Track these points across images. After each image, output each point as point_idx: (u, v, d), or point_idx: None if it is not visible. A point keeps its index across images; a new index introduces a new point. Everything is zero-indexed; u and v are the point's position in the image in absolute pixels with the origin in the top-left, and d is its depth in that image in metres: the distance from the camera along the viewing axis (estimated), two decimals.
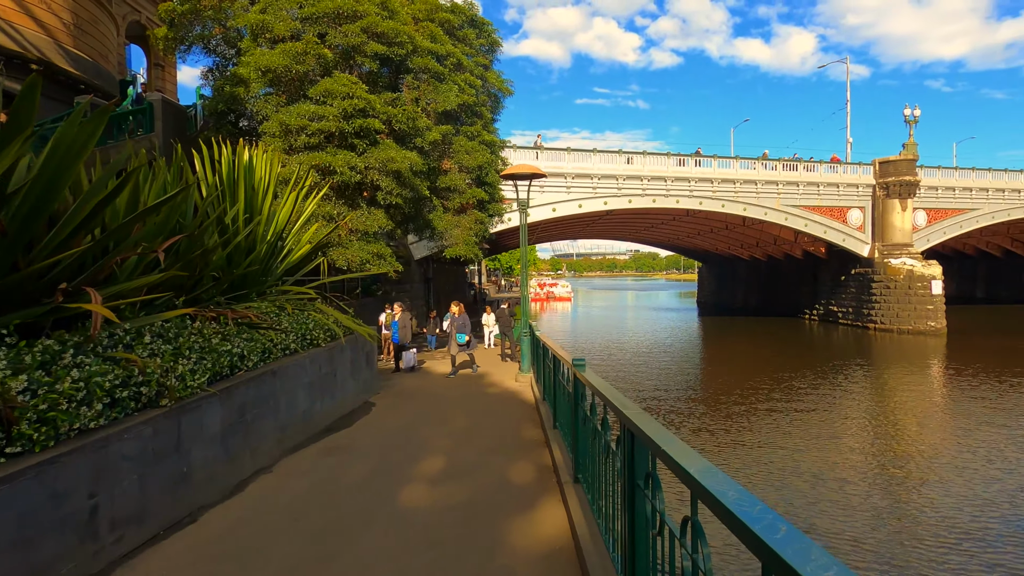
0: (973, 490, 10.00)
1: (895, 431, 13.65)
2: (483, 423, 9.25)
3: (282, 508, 5.36)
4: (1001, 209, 39.75)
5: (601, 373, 20.37)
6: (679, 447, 2.37)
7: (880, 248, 35.69)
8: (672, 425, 13.88)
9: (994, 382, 19.35)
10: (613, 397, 3.67)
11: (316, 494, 5.80)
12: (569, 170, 31.28)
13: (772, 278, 49.06)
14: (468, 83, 16.16)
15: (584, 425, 5.08)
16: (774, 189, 35.23)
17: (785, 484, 10.11)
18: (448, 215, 17.22)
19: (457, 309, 14.35)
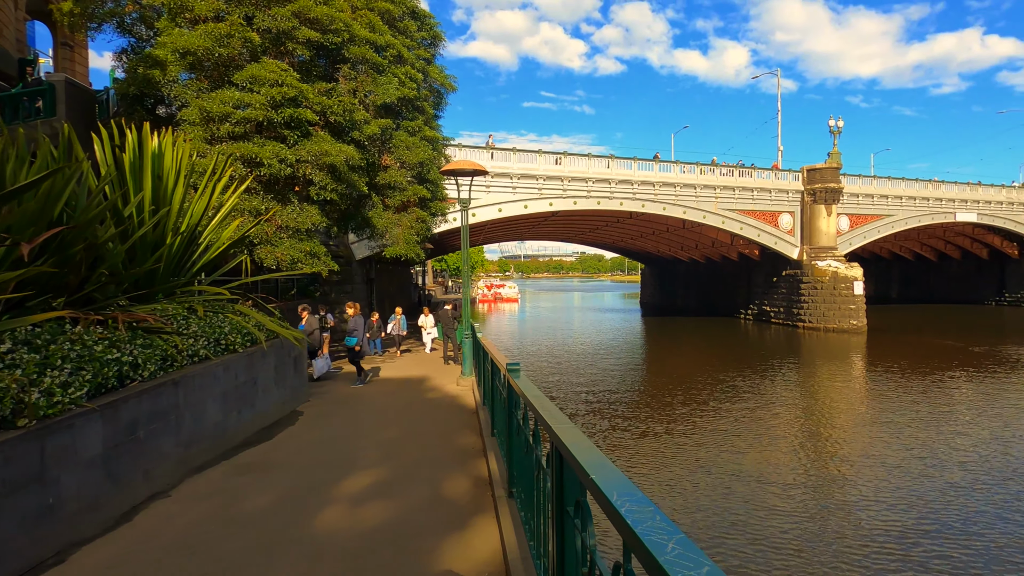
0: (910, 487, 10.30)
1: (831, 430, 13.99)
2: (418, 432, 8.75)
3: (175, 540, 4.69)
4: (913, 216, 42.66)
5: (546, 375, 20.32)
6: (610, 476, 2.01)
7: (808, 251, 37.47)
8: (617, 429, 13.78)
9: (915, 377, 20.47)
10: (543, 409, 3.31)
11: (219, 521, 5.15)
12: (515, 170, 31.06)
13: (710, 279, 50.71)
14: (409, 76, 15.55)
15: (518, 436, 4.71)
16: (712, 193, 36.32)
17: (730, 489, 10.08)
18: (388, 213, 16.54)
19: (352, 310, 13.68)
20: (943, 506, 9.41)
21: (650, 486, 10.32)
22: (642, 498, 1.77)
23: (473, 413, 9.87)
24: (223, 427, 7.51)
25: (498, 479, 5.85)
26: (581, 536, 2.49)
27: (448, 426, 9.11)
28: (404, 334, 18.48)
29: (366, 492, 6.01)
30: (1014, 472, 10.80)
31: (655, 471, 11.22)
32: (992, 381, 19.69)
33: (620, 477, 1.99)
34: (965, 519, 8.94)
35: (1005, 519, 8.94)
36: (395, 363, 16.35)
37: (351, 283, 23.45)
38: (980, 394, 17.66)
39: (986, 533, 8.52)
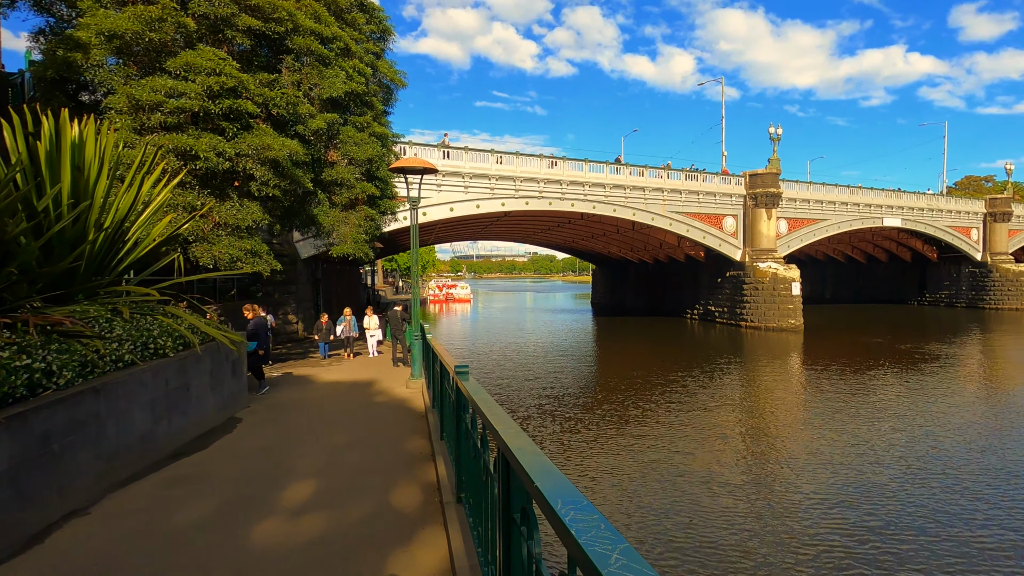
0: (853, 484, 10.60)
1: (777, 429, 14.39)
2: (364, 437, 8.48)
3: (91, 561, 4.31)
4: (845, 220, 45.17)
5: (498, 376, 20.20)
6: (556, 483, 1.93)
7: (750, 253, 39.02)
8: (568, 432, 13.81)
9: (851, 374, 21.62)
10: (490, 412, 3.21)
11: (144, 539, 4.78)
12: (467, 170, 30.85)
13: (659, 280, 52.04)
14: (357, 70, 15.13)
15: (466, 440, 4.60)
16: (660, 196, 37.25)
17: (680, 491, 10.15)
18: (335, 211, 16.02)
19: (250, 313, 13.01)
20: (885, 502, 9.67)
21: (602, 490, 10.31)
22: (588, 506, 1.70)
23: (422, 417, 9.66)
24: (152, 437, 7.03)
25: (447, 485, 5.71)
26: (527, 544, 2.40)
27: (396, 430, 8.87)
28: (355, 336, 17.82)
29: (308, 503, 5.73)
30: (946, 466, 11.32)
31: (607, 474, 11.18)
32: (919, 377, 20.99)
33: (566, 484, 1.91)
34: (908, 514, 9.22)
35: (944, 512, 9.29)
36: (342, 367, 15.86)
37: (296, 283, 22.66)
38: (909, 390, 18.72)
39: (928, 527, 8.78)
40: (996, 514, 9.18)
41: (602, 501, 9.58)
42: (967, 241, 51.74)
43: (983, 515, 9.15)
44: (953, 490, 10.20)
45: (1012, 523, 8.89)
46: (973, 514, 9.20)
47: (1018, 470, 11.04)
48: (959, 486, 10.35)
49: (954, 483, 10.51)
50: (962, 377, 21.17)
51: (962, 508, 9.45)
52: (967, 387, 19.52)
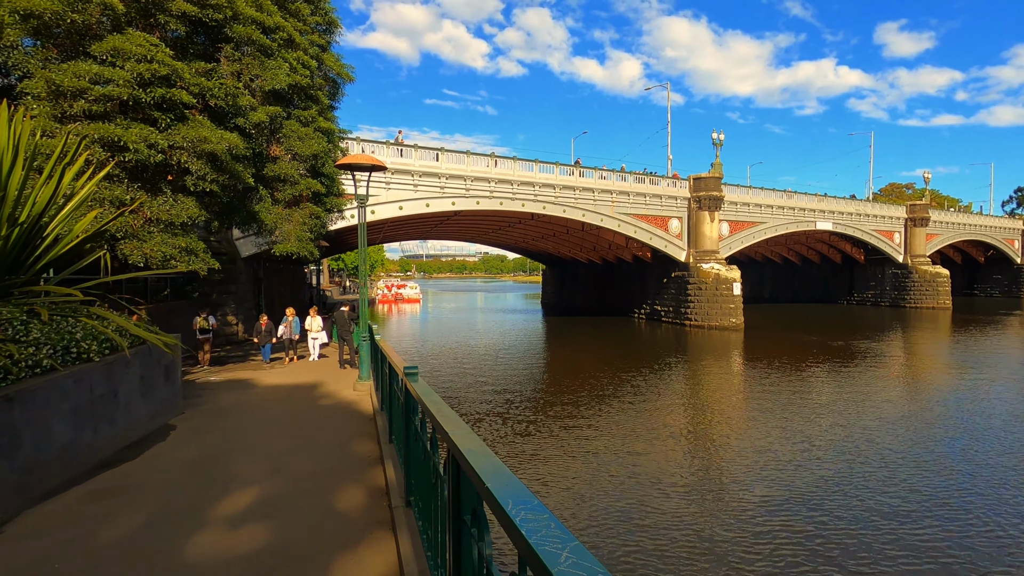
0: (798, 481, 10.81)
1: (724, 427, 14.66)
2: (310, 442, 8.20)
3: None
4: (782, 223, 47.48)
5: (449, 377, 19.94)
6: (507, 484, 1.90)
7: (694, 254, 40.37)
8: (520, 434, 13.78)
9: (790, 370, 22.68)
10: (440, 414, 3.15)
11: (63, 559, 4.43)
12: (417, 168, 30.45)
13: (607, 280, 53.06)
14: (302, 63, 14.64)
15: (415, 442, 4.51)
16: (609, 197, 37.98)
17: (631, 493, 10.12)
18: (278, 208, 15.46)
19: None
20: (830, 497, 9.84)
21: (555, 493, 10.14)
22: (538, 506, 1.68)
23: (370, 419, 9.44)
24: (75, 447, 6.54)
25: (396, 488, 5.59)
26: (478, 546, 2.36)
27: (343, 434, 8.63)
28: (296, 338, 17.03)
29: (249, 512, 5.48)
30: (883, 460, 11.74)
31: (559, 477, 11.03)
32: (852, 373, 22.21)
33: (517, 485, 1.89)
34: (852, 507, 9.46)
35: (886, 504, 9.61)
36: (285, 370, 15.30)
37: (235, 283, 21.72)
38: (845, 386, 19.66)
39: (872, 519, 9.01)
40: (930, 506, 9.54)
41: (556, 505, 9.56)
42: (890, 244, 55.41)
43: (920, 507, 9.47)
44: (892, 482, 10.54)
45: (947, 513, 9.26)
46: (912, 506, 9.52)
47: (947, 462, 11.63)
48: (897, 478, 10.78)
49: (892, 475, 10.91)
50: (891, 373, 22.56)
51: (901, 500, 9.76)
52: (896, 382, 20.80)
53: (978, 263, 72.82)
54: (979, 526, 8.81)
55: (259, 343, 16.16)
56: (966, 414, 15.44)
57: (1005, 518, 9.08)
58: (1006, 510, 9.37)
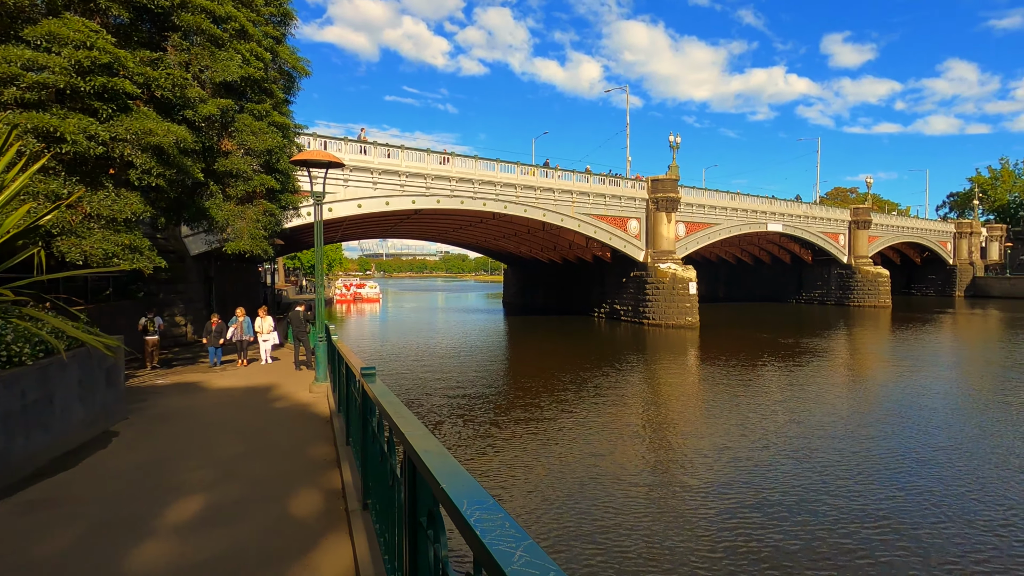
0: (757, 480, 10.82)
1: (685, 426, 14.71)
2: (263, 446, 7.95)
3: None
4: (736, 224, 49.03)
5: (409, 378, 19.58)
6: (462, 484, 1.88)
7: (652, 254, 41.22)
8: (482, 436, 13.69)
9: (745, 368, 23.39)
10: (397, 415, 3.09)
11: None
12: (376, 165, 29.96)
13: (568, 280, 53.58)
14: (255, 55, 14.17)
15: (373, 444, 4.43)
16: (570, 198, 38.35)
17: (593, 494, 10.01)
18: (230, 204, 14.92)
19: None
20: (789, 494, 9.87)
21: (520, 496, 9.91)
22: (493, 506, 1.66)
23: (327, 422, 9.24)
24: (5, 457, 6.13)
25: (353, 491, 5.48)
26: (434, 548, 2.33)
27: (299, 437, 8.42)
28: (249, 339, 16.20)
29: (198, 520, 5.26)
30: (841, 455, 11.93)
31: (522, 478, 10.76)
32: (803, 369, 23.01)
33: (473, 485, 1.87)
34: (811, 501, 9.58)
35: (842, 499, 9.71)
36: (237, 373, 14.79)
37: (184, 282, 20.89)
38: (798, 382, 20.31)
39: (830, 513, 9.08)
40: (888, 500, 9.70)
41: (519, 508, 9.42)
42: (835, 246, 58.00)
43: (879, 501, 9.63)
44: (849, 477, 10.72)
45: (904, 507, 9.46)
46: (870, 500, 9.65)
47: (900, 455, 12.02)
48: (854, 471, 11.01)
49: (848, 471, 11.05)
50: (839, 369, 23.50)
51: (858, 492, 9.94)
52: (845, 378, 21.66)
53: (915, 264, 77.05)
54: (925, 513, 9.30)
55: (208, 344, 15.35)
56: (908, 408, 16.24)
57: (951, 508, 9.61)
58: (957, 501, 9.91)
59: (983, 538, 8.36)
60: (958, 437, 13.41)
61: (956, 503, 9.63)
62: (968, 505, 9.53)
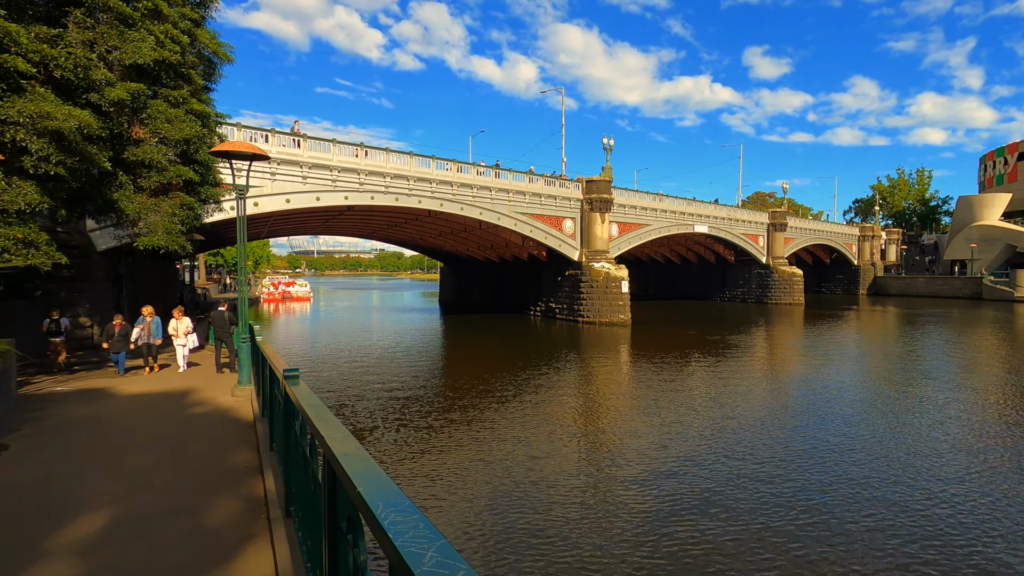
0: (691, 478, 10.99)
1: (622, 424, 14.68)
2: (179, 455, 7.47)
3: None
4: (665, 225, 51.01)
5: (341, 381, 18.76)
6: (378, 487, 1.84)
7: (586, 253, 42.15)
8: (417, 440, 13.33)
9: (677, 364, 24.25)
10: (318, 418, 2.99)
11: None
12: (306, 159, 28.82)
13: (505, 278, 53.84)
14: (171, 37, 13.25)
15: (295, 449, 4.27)
16: (506, 197, 38.52)
17: (532, 496, 9.82)
18: (143, 196, 13.88)
19: None
20: (729, 492, 9.93)
21: (455, 504, 9.52)
22: (408, 507, 1.64)
23: (250, 427, 8.82)
24: None
25: (275, 498, 5.26)
26: (353, 553, 2.28)
27: (218, 444, 7.98)
28: (157, 342, 14.51)
29: (101, 538, 4.87)
30: (773, 454, 12.08)
31: (458, 488, 10.23)
32: (732, 365, 24.10)
33: (390, 488, 1.83)
34: (752, 499, 9.62)
35: (782, 496, 9.80)
36: (150, 378, 13.79)
37: (89, 280, 19.28)
38: (728, 378, 21.01)
39: (776, 511, 9.17)
40: (824, 495, 9.92)
41: (454, 516, 9.16)
42: (755, 247, 61.57)
43: (815, 498, 9.80)
44: (780, 472, 11.01)
45: (839, 503, 9.61)
46: (810, 498, 9.78)
47: (831, 449, 12.52)
48: (788, 467, 11.26)
49: (780, 467, 11.27)
50: (765, 364, 24.80)
51: (797, 489, 10.10)
52: (772, 373, 22.83)
53: (825, 264, 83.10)
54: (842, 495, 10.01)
55: (110, 350, 13.82)
56: (825, 400, 17.37)
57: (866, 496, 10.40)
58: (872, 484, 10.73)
59: (897, 509, 9.11)
60: (870, 425, 14.49)
61: (878, 485, 10.39)
62: (886, 482, 10.35)
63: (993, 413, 15.64)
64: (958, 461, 11.72)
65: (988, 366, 24.09)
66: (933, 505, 9.44)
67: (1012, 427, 14.20)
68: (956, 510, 9.23)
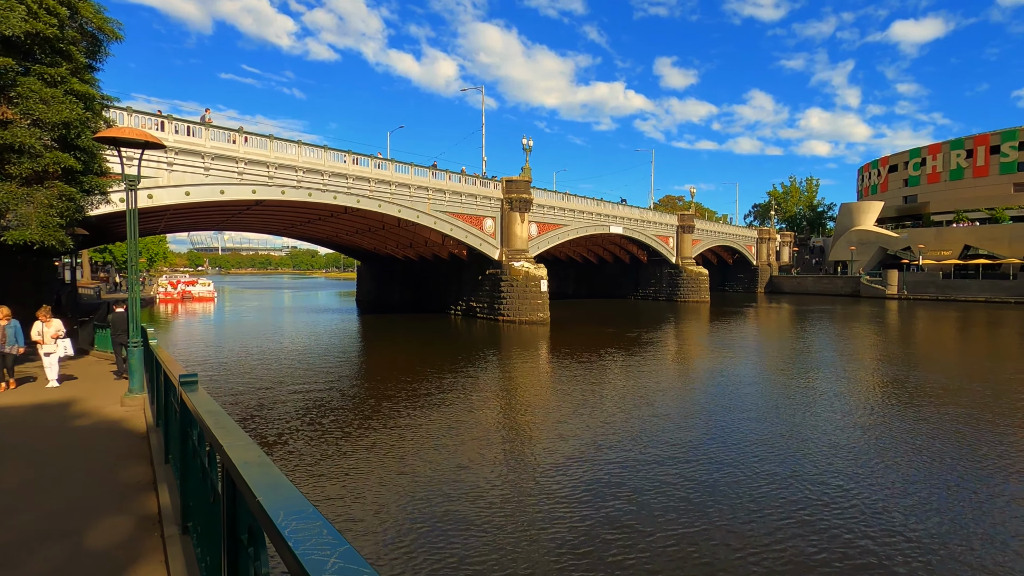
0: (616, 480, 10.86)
1: (551, 425, 14.49)
2: (57, 473, 6.73)
3: None
4: (583, 226, 52.56)
5: (250, 388, 17.53)
6: (280, 495, 1.75)
7: (506, 253, 42.53)
8: (335, 448, 12.59)
9: (598, 361, 24.91)
10: (217, 426, 2.80)
11: None
12: (208, 149, 26.86)
13: (424, 277, 53.14)
14: (45, 7, 11.90)
15: (193, 460, 3.98)
16: (425, 194, 38.03)
17: (446, 503, 9.56)
18: (12, 185, 12.37)
19: None
20: (654, 489, 10.02)
21: (373, 515, 9.10)
22: (312, 514, 1.57)
23: (143, 439, 8.11)
24: None
25: (171, 514, 4.87)
26: (254, 567, 2.16)
27: (105, 459, 7.27)
28: (17, 351, 11.93)
29: None
30: (701, 454, 12.15)
31: (375, 501, 9.65)
32: (651, 361, 25.11)
33: (293, 495, 1.75)
34: (683, 498, 9.71)
35: (719, 494, 9.94)
36: (20, 390, 12.31)
37: None
38: (649, 374, 21.65)
39: (704, 504, 9.39)
40: (749, 489, 10.17)
41: (373, 528, 8.89)
42: (666, 247, 64.93)
43: (745, 494, 9.97)
44: (701, 464, 11.35)
45: (771, 500, 9.83)
46: (742, 494, 9.92)
47: (758, 443, 13.03)
48: (715, 464, 11.45)
49: (714, 467, 11.34)
50: (681, 361, 26.10)
51: (728, 485, 10.30)
52: (688, 369, 24.09)
53: (728, 264, 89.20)
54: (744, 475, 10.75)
55: None
56: (736, 394, 18.64)
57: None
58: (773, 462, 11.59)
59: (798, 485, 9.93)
60: (769, 410, 15.81)
61: (782, 463, 11.31)
62: (789, 460, 11.27)
63: (867, 397, 17.55)
64: (842, 434, 13.33)
65: (864, 356, 26.95)
66: (824, 471, 10.44)
67: (880, 408, 16.01)
68: (847, 475, 10.30)
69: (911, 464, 11.49)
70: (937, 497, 9.85)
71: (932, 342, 33.63)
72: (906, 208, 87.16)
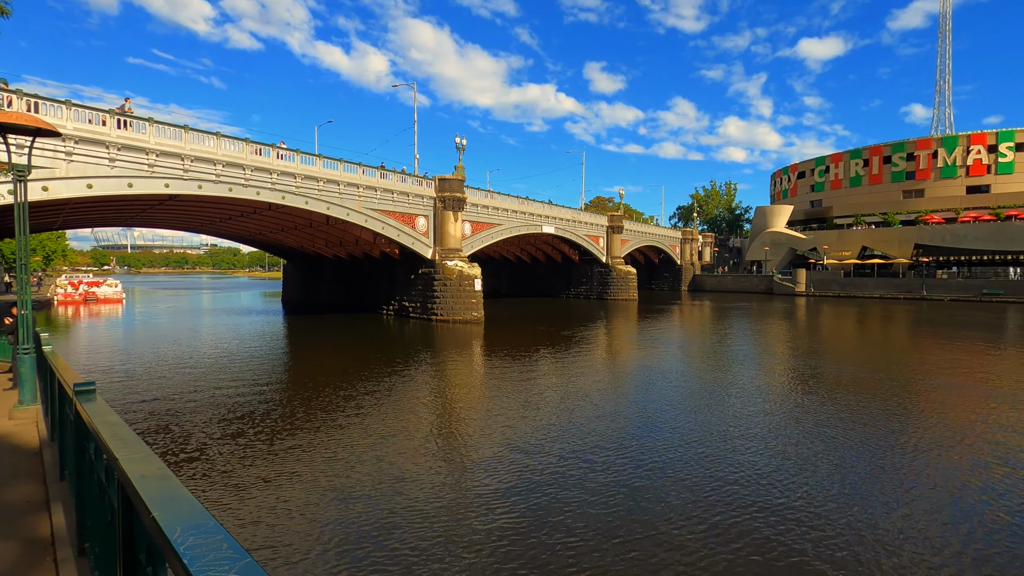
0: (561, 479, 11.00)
1: (486, 426, 14.34)
2: None
3: None
4: (516, 225, 52.99)
5: (162, 398, 16.26)
6: (177, 509, 1.65)
7: (440, 251, 42.16)
8: (259, 459, 11.87)
9: (532, 359, 25.09)
10: (113, 438, 2.60)
11: None
12: (114, 139, 24.80)
13: (355, 276, 51.70)
14: None
15: (90, 476, 3.67)
16: (355, 192, 37.00)
17: (393, 517, 9.15)
18: None
19: None
20: (598, 487, 10.06)
21: (303, 531, 8.62)
22: (213, 528, 1.49)
23: (35, 454, 7.40)
24: None
25: (65, 536, 4.47)
26: None
27: None
28: None
29: None
30: (644, 453, 12.15)
31: (304, 515, 9.14)
32: (585, 359, 25.55)
33: (193, 509, 1.65)
34: (630, 498, 9.72)
35: (662, 494, 10.01)
36: None
37: None
38: (585, 372, 21.86)
39: (651, 506, 9.34)
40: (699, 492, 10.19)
41: (302, 547, 8.57)
42: (597, 247, 66.67)
43: (692, 495, 9.98)
44: (642, 461, 11.55)
45: (714, 497, 9.99)
46: (684, 495, 9.92)
47: (665, 420, 14.13)
48: (657, 464, 11.50)
49: (658, 465, 11.43)
50: (614, 358, 26.78)
51: (665, 487, 10.28)
52: (622, 366, 24.67)
53: (655, 264, 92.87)
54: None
55: None
56: (655, 383, 19.46)
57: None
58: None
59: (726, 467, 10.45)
60: (692, 400, 16.63)
61: (711, 451, 11.87)
62: (712, 449, 11.85)
63: (781, 386, 18.86)
64: (757, 421, 14.37)
65: (778, 348, 28.89)
66: (738, 451, 11.11)
67: (792, 397, 17.26)
68: (759, 454, 11.01)
69: (810, 443, 12.70)
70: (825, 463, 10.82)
71: (836, 336, 36.60)
72: (813, 212, 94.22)
